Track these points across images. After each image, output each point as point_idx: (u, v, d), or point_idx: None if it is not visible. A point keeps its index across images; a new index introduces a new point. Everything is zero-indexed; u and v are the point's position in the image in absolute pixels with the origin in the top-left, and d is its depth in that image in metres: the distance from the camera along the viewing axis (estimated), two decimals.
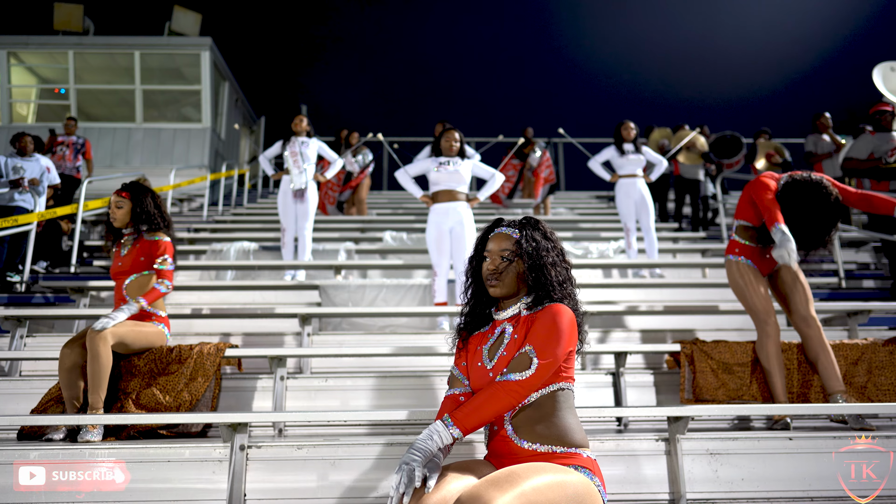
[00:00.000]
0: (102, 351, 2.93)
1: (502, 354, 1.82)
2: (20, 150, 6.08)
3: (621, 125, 6.29)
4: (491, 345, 1.88)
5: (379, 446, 2.59)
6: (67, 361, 3.01)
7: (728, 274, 3.40)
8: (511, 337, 1.84)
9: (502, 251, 1.88)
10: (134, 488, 2.49)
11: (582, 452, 1.75)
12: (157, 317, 3.33)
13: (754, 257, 3.31)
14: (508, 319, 1.90)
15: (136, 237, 3.38)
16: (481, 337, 1.94)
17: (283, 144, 6.08)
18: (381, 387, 3.39)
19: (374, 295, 5.02)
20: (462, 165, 4.67)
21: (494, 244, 1.90)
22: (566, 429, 1.76)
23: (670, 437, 2.61)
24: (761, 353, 3.21)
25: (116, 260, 3.37)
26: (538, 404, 1.77)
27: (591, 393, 3.43)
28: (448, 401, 1.91)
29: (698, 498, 2.53)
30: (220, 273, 6.09)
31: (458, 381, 1.93)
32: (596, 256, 6.62)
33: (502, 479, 1.53)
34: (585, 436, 1.79)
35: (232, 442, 2.54)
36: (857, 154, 5.83)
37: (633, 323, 4.65)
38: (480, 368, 1.85)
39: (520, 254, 1.87)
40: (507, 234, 1.90)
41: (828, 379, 3.14)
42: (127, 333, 3.10)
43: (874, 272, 6.39)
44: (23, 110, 13.52)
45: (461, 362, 1.96)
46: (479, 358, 1.88)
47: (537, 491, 1.52)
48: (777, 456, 2.58)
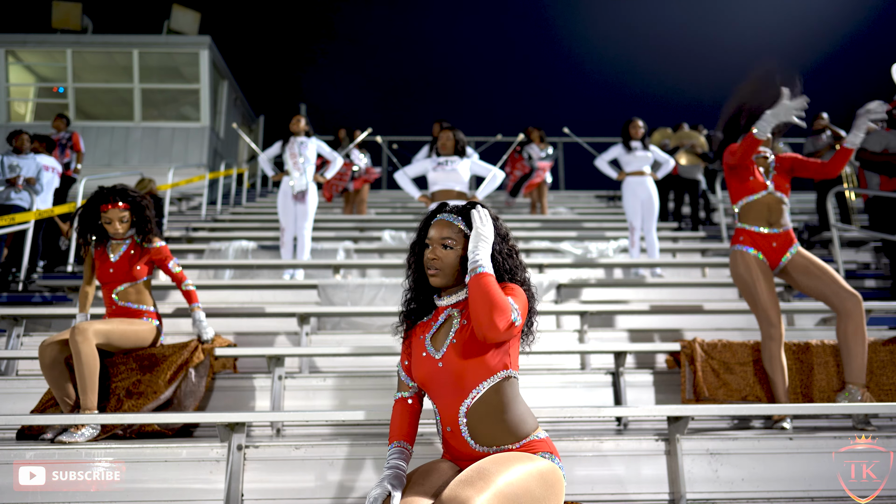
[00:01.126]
0: (84, 349, 2.82)
1: (452, 342, 1.76)
2: (16, 149, 6.06)
3: (629, 123, 6.27)
4: (434, 333, 1.83)
5: (377, 446, 2.58)
6: (46, 358, 2.91)
7: (732, 267, 3.30)
8: (460, 323, 1.79)
9: (443, 239, 1.81)
10: (131, 488, 2.48)
11: (536, 436, 1.77)
12: (147, 312, 3.22)
13: (763, 246, 3.22)
14: (454, 305, 1.85)
15: (129, 244, 3.23)
16: (424, 326, 1.89)
17: (282, 145, 6.08)
18: (379, 386, 3.38)
19: (373, 294, 5.00)
20: (460, 164, 4.67)
21: (436, 231, 1.83)
22: (518, 422, 1.75)
23: (670, 436, 2.60)
24: (765, 354, 3.16)
25: (105, 265, 3.20)
26: (485, 403, 1.72)
27: (590, 393, 3.41)
28: (398, 406, 1.89)
29: (698, 498, 2.52)
30: (219, 272, 6.08)
31: (404, 385, 1.90)
32: (596, 256, 6.61)
33: (475, 478, 1.55)
34: (535, 418, 1.81)
35: (229, 442, 2.52)
36: (871, 147, 5.87)
37: (632, 322, 4.64)
38: (426, 359, 1.79)
39: (465, 237, 1.81)
40: (449, 221, 1.84)
41: (857, 368, 3.01)
42: (112, 331, 3.00)
43: (874, 272, 6.39)
44: (21, 109, 13.49)
45: (405, 360, 1.90)
46: (422, 348, 1.82)
47: (510, 484, 1.56)
48: (777, 456, 2.58)
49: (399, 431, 1.84)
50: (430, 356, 1.79)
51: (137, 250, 3.22)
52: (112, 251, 3.22)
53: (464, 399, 1.73)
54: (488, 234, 1.76)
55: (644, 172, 6.19)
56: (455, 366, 1.73)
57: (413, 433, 1.87)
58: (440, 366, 1.76)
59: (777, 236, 3.24)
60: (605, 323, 4.57)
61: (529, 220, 8.51)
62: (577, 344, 4.13)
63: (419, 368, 1.82)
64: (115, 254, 3.21)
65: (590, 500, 2.53)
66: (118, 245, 3.23)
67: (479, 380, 1.72)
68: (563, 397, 3.39)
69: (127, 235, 3.23)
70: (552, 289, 4.90)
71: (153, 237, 3.23)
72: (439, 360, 1.76)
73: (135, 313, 3.20)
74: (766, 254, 3.24)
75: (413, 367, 1.85)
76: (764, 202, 3.27)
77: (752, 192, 3.28)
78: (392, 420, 1.88)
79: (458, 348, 1.74)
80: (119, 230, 3.16)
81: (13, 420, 3.12)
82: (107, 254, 3.22)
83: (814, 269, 3.18)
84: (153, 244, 3.23)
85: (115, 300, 3.19)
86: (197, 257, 6.74)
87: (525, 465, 1.64)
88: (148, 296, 3.27)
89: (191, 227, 8.36)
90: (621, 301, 5.04)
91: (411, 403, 1.88)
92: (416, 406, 1.89)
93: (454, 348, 1.75)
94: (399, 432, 1.84)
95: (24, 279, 5.56)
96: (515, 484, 1.57)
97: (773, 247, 3.24)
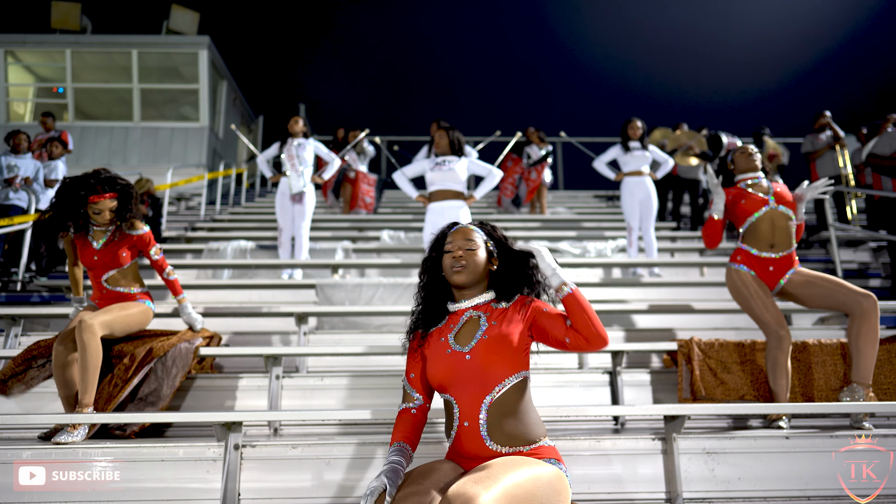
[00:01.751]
0: (92, 344, 2.84)
1: (483, 338, 1.84)
2: (14, 148, 6.06)
3: (628, 123, 6.28)
4: (458, 332, 1.90)
5: (375, 446, 2.58)
6: (61, 359, 2.94)
7: (728, 284, 3.26)
8: (489, 323, 1.87)
9: (467, 242, 1.94)
10: (128, 488, 2.48)
11: (545, 443, 1.83)
12: (140, 294, 3.21)
13: (760, 269, 3.16)
14: (475, 307, 1.94)
15: (111, 230, 3.15)
16: (439, 332, 1.94)
17: (280, 146, 6.11)
18: (377, 386, 3.38)
19: (372, 294, 5.00)
20: (458, 164, 4.66)
21: (457, 237, 1.97)
22: (531, 424, 1.82)
23: (667, 436, 2.60)
24: (769, 361, 3.07)
25: (89, 252, 3.13)
26: (506, 400, 1.79)
27: (588, 392, 3.42)
28: (403, 416, 1.92)
29: (695, 497, 2.52)
30: (217, 272, 6.08)
31: (410, 397, 1.94)
32: (594, 256, 6.61)
33: (483, 477, 1.58)
34: (544, 427, 1.87)
35: (226, 441, 2.52)
36: (880, 151, 5.91)
37: (629, 322, 4.64)
38: (451, 355, 1.85)
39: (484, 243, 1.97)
40: (469, 228, 2.00)
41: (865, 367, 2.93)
42: (114, 320, 3.00)
43: (873, 272, 6.39)
44: (20, 109, 13.50)
45: (410, 373, 1.95)
46: (445, 346, 1.88)
47: (517, 485, 1.59)
48: (774, 455, 2.58)
49: (402, 434, 1.86)
50: (456, 351, 1.85)
51: (121, 236, 3.14)
52: (94, 238, 3.15)
53: (488, 392, 1.78)
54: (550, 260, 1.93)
55: (642, 172, 6.19)
56: (484, 360, 1.80)
57: (415, 440, 1.89)
58: (468, 359, 1.82)
59: (776, 261, 3.15)
60: (603, 322, 4.56)
61: (528, 220, 8.52)
62: None
63: (440, 365, 1.86)
64: (97, 241, 3.15)
65: (587, 499, 2.53)
66: (101, 232, 3.16)
67: (506, 375, 1.80)
68: (561, 397, 3.39)
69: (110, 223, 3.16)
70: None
71: (136, 222, 3.19)
72: (467, 353, 1.83)
73: (126, 297, 3.18)
74: (761, 276, 3.16)
75: (432, 368, 1.88)
76: (767, 219, 3.16)
77: (751, 212, 3.20)
78: (395, 426, 1.90)
79: (488, 344, 1.82)
80: (106, 219, 3.10)
81: (8, 420, 3.12)
82: (88, 241, 3.15)
83: (816, 279, 3.10)
84: (136, 230, 3.18)
85: (105, 285, 3.16)
86: (195, 257, 6.74)
87: (533, 469, 1.67)
88: (136, 277, 3.24)
89: (189, 227, 8.36)
90: (619, 300, 5.04)
91: (415, 414, 1.91)
92: (420, 417, 1.92)
93: (484, 344, 1.82)
94: (402, 435, 1.86)
95: (22, 279, 5.56)
96: (523, 486, 1.59)
97: (769, 270, 3.15)
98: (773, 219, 3.16)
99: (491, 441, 1.77)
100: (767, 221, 3.17)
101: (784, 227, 3.16)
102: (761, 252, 3.16)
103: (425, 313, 2.01)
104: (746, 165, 3.33)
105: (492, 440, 1.77)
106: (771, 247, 3.16)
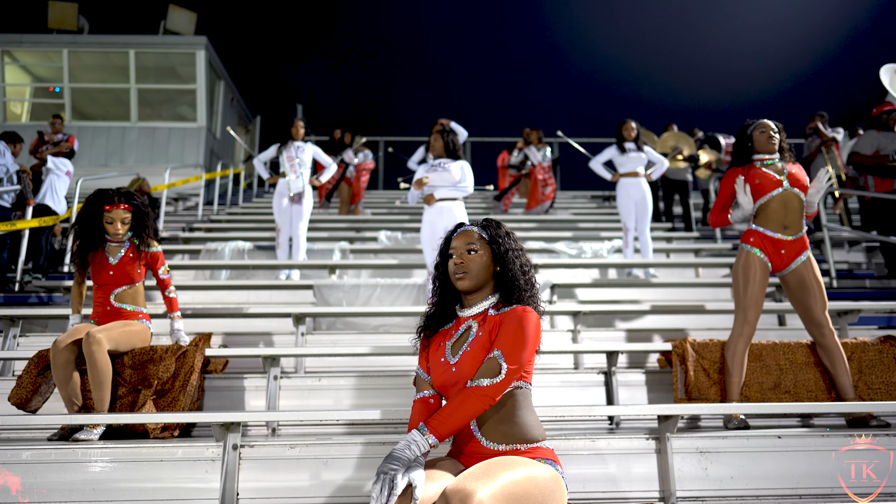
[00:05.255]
0: (100, 357, 2.93)
1: (466, 350, 1.87)
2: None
3: (622, 124, 6.31)
4: (455, 341, 1.94)
5: (372, 445, 2.60)
6: (60, 359, 2.97)
7: (738, 261, 3.25)
8: (476, 334, 1.89)
9: (468, 245, 1.94)
10: (127, 487, 2.50)
11: (542, 445, 1.85)
12: (142, 314, 3.32)
13: (771, 250, 3.17)
14: (474, 317, 1.95)
15: (128, 246, 3.29)
16: (445, 334, 1.99)
17: (278, 148, 6.15)
18: (374, 386, 3.40)
19: (369, 294, 5.03)
20: (453, 165, 4.71)
21: (460, 241, 1.97)
22: (526, 426, 1.84)
23: (660, 435, 2.63)
24: (729, 349, 3.16)
25: (105, 268, 3.24)
26: (499, 403, 1.83)
27: (583, 392, 3.45)
28: (418, 404, 1.95)
29: (688, 496, 2.55)
30: (215, 272, 6.10)
31: (425, 384, 1.97)
32: (590, 256, 6.64)
33: (481, 473, 1.62)
34: (543, 430, 1.90)
35: (225, 441, 2.54)
36: (862, 150, 5.95)
37: (625, 322, 4.68)
38: (443, 364, 1.90)
39: (487, 244, 1.95)
40: (472, 230, 1.99)
41: (841, 388, 3.12)
42: (119, 336, 3.10)
43: (865, 272, 6.44)
44: (17, 109, 13.47)
45: (424, 363, 2.00)
46: (441, 353, 1.93)
47: (514, 483, 1.62)
48: (766, 454, 2.61)
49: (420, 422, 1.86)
50: (446, 361, 1.90)
51: (136, 253, 3.30)
52: (111, 254, 3.27)
53: None
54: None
55: (638, 173, 6.23)
56: (468, 372, 1.83)
57: None
58: (454, 370, 1.86)
59: (788, 243, 3.17)
60: (599, 323, 4.60)
61: (525, 221, 8.55)
62: (571, 343, 4.16)
63: (435, 372, 1.93)
64: (113, 257, 3.27)
65: (582, 498, 2.56)
66: (116, 248, 3.28)
67: None
68: (557, 397, 3.42)
69: (125, 238, 3.29)
70: (547, 289, 4.93)
71: (151, 241, 3.33)
72: (454, 364, 1.87)
73: (130, 315, 3.27)
74: (771, 258, 3.19)
75: (432, 371, 1.94)
76: (780, 200, 3.18)
77: (765, 192, 3.21)
78: (412, 416, 1.93)
79: (471, 357, 1.85)
80: (119, 231, 3.23)
81: (8, 421, 3.14)
82: (105, 257, 3.27)
83: (813, 288, 3.16)
84: (151, 248, 3.33)
85: (112, 301, 3.24)
86: (193, 258, 6.75)
87: (531, 469, 1.70)
88: (142, 297, 3.36)
89: (187, 228, 8.36)
90: (615, 301, 5.08)
91: (433, 403, 1.94)
92: (436, 404, 1.95)
93: (467, 356, 1.86)
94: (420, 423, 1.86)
95: (20, 280, 5.57)
96: (520, 484, 1.63)
97: (781, 253, 3.18)
98: (785, 200, 3.19)
99: (486, 440, 1.82)
100: (780, 202, 3.19)
101: (796, 209, 3.19)
102: (775, 233, 3.18)
103: (432, 315, 2.05)
104: (765, 147, 3.29)
105: (487, 440, 1.82)
106: (784, 228, 3.18)
